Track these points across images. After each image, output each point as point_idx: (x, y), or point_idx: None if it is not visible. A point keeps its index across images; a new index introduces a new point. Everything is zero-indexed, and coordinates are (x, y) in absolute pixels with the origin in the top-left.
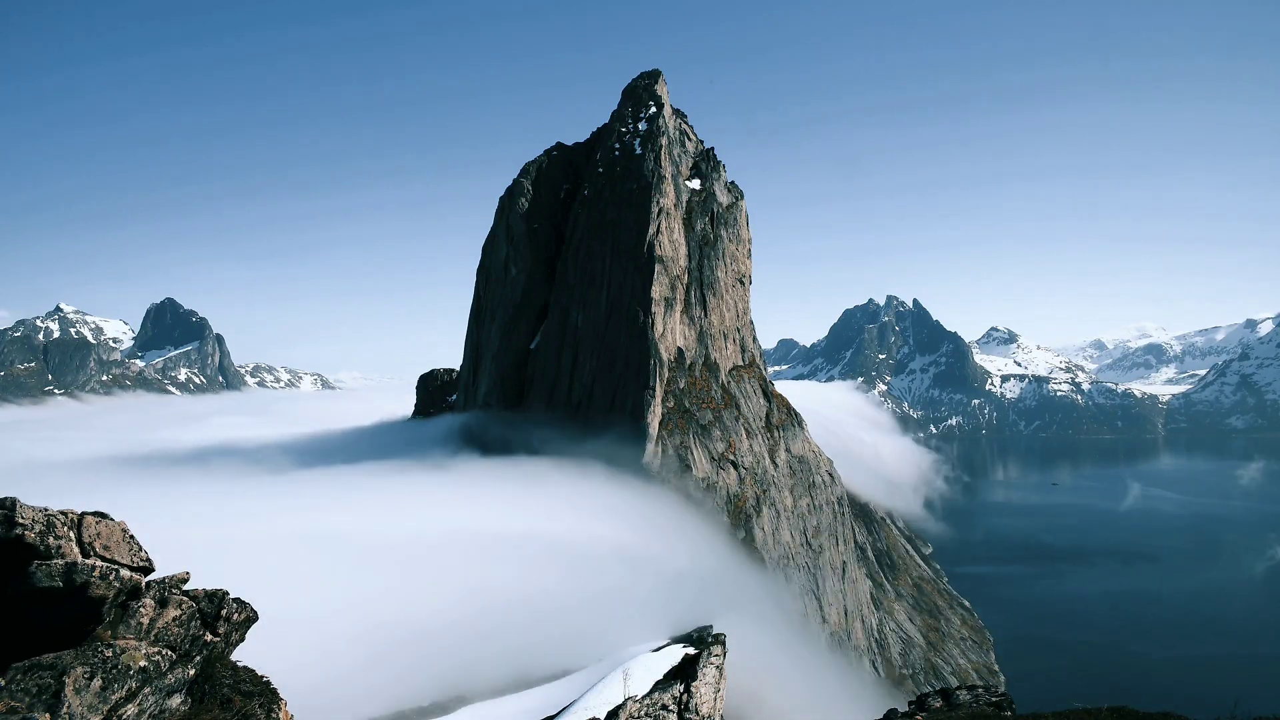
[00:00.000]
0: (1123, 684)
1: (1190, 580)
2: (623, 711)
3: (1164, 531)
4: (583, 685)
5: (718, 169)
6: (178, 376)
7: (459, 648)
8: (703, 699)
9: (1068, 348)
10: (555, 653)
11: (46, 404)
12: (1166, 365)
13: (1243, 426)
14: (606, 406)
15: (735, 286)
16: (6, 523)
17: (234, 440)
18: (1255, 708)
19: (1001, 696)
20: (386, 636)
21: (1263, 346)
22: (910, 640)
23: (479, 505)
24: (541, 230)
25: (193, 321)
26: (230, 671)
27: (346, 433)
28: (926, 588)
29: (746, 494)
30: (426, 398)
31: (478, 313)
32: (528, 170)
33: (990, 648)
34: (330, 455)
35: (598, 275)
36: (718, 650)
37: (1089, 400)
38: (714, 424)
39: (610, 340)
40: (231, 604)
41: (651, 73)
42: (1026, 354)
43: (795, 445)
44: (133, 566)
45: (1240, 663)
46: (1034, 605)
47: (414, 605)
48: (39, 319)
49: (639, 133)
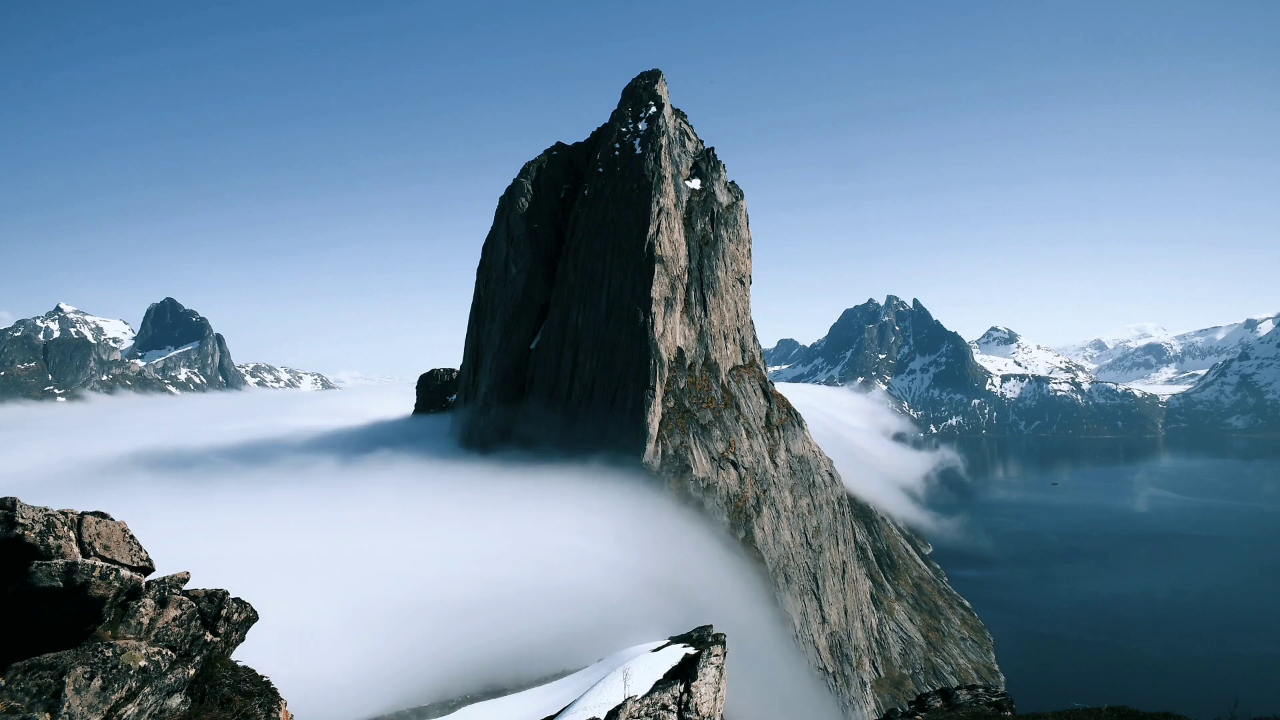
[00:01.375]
0: (1123, 684)
1: (1190, 580)
2: (623, 711)
3: (1164, 531)
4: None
5: (718, 169)
6: (178, 376)
7: (458, 647)
8: (703, 699)
9: (1068, 348)
10: (555, 653)
11: (47, 404)
12: (1166, 365)
13: (1243, 426)
14: (606, 406)
15: (735, 286)
16: (6, 522)
17: (234, 440)
18: (1255, 708)
19: (1001, 696)
20: (386, 636)
21: (1263, 346)
22: (910, 640)
23: (479, 505)
24: (542, 230)
25: (193, 321)
26: (230, 671)
27: (347, 433)
28: (926, 588)
29: (746, 494)
30: (426, 397)
31: (478, 312)
32: (528, 170)
33: (990, 648)
34: (330, 455)
35: (598, 275)
36: (718, 650)
37: (1089, 400)
38: (714, 424)
39: (610, 340)
40: (231, 604)
41: (651, 73)
42: (1026, 354)
43: (795, 445)
44: (133, 566)
45: (1240, 663)
46: (1034, 605)
47: (413, 605)
48: (39, 319)
49: (639, 133)
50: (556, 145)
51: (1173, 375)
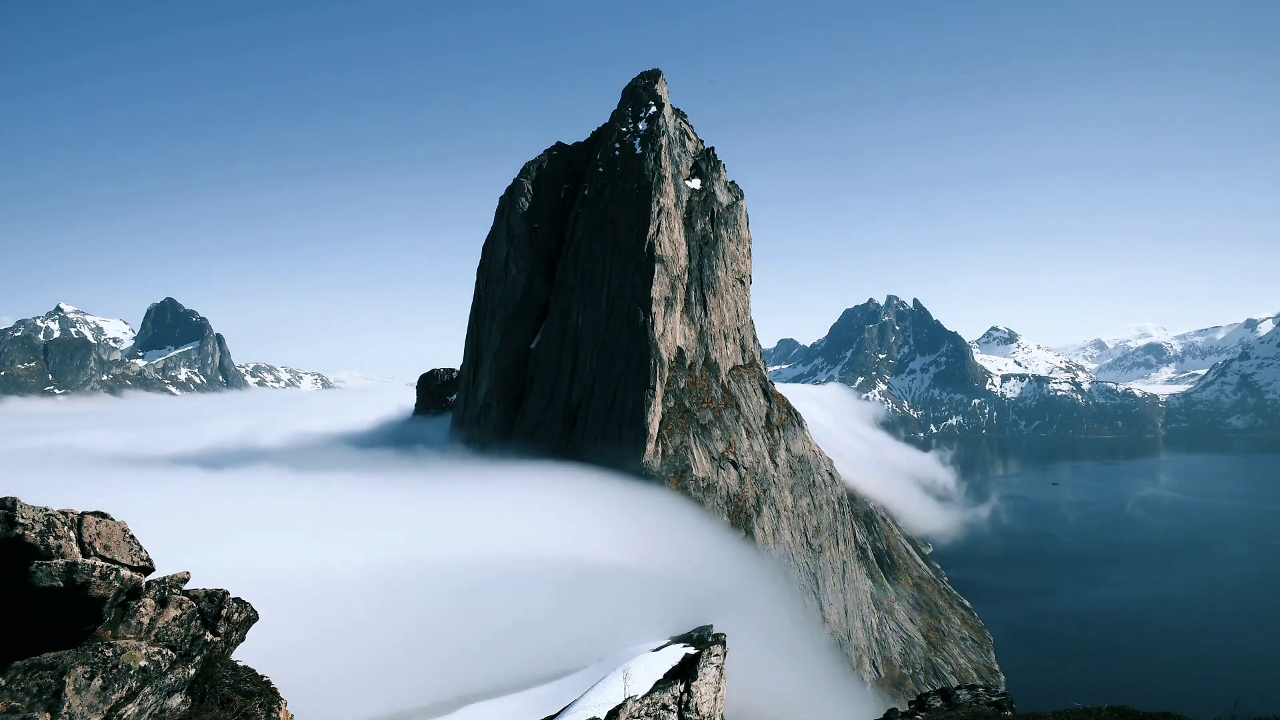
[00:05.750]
0: (1123, 684)
1: (1191, 580)
2: (623, 711)
3: (1164, 531)
4: (583, 685)
5: (718, 168)
6: (178, 376)
7: (459, 647)
8: (703, 699)
9: (1068, 348)
10: (555, 653)
11: (48, 404)
12: (1166, 365)
13: (1243, 426)
14: (606, 406)
15: (735, 286)
16: (7, 522)
17: (234, 439)
18: (1255, 708)
19: (1001, 696)
20: (386, 636)
21: (1263, 346)
22: (910, 640)
23: (479, 505)
24: (542, 230)
25: (193, 321)
26: (230, 671)
27: (347, 433)
28: (926, 587)
29: (746, 494)
30: (427, 397)
31: (478, 312)
32: (528, 170)
33: (990, 648)
34: (330, 455)
35: (598, 275)
36: (718, 650)
37: (1089, 400)
38: (714, 424)
39: (610, 340)
40: (232, 604)
41: (651, 72)
42: (1026, 354)
43: (795, 445)
44: (133, 566)
45: (1240, 663)
46: (1034, 605)
47: (414, 605)
48: (39, 319)
49: (639, 132)
50: (556, 145)
51: (1173, 375)
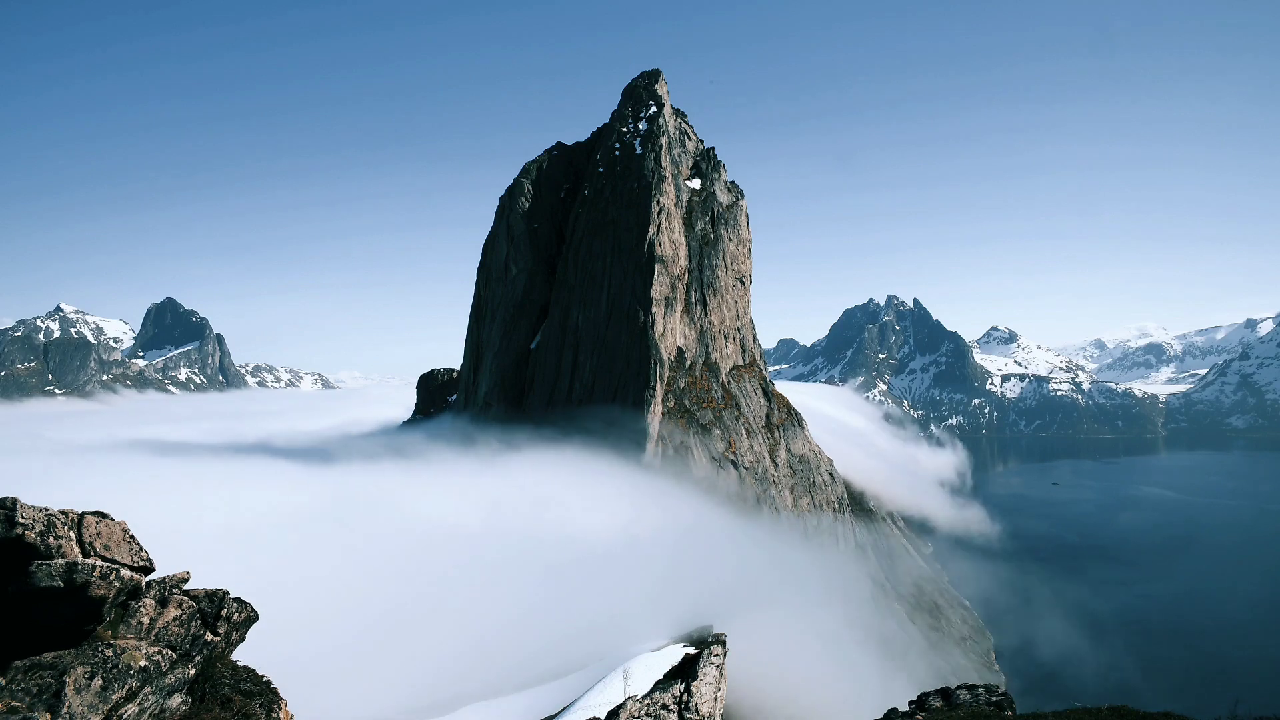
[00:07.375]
0: (1123, 684)
1: (1190, 580)
2: (623, 711)
3: (1164, 531)
4: (583, 685)
5: (718, 169)
6: (178, 376)
7: (459, 647)
8: (703, 699)
9: (1068, 347)
10: (555, 653)
11: (48, 404)
12: (1167, 365)
13: (1243, 426)
14: (607, 406)
15: (735, 286)
16: (7, 522)
17: (234, 439)
18: (1255, 708)
19: (1001, 696)
20: (386, 636)
21: (1263, 346)
22: (910, 640)
23: (478, 505)
24: (542, 230)
25: (193, 321)
26: (230, 671)
27: (347, 432)
28: (926, 587)
29: (746, 494)
30: (427, 397)
31: (478, 312)
32: (528, 170)
33: (990, 648)
34: (330, 455)
35: (598, 275)
36: (718, 650)
37: (1089, 400)
38: (714, 424)
39: (610, 340)
40: (232, 604)
41: (652, 72)
42: (1026, 354)
43: (795, 445)
44: (133, 566)
45: (1240, 663)
46: (1034, 605)
47: (414, 605)
48: (39, 319)
49: (639, 132)
50: (557, 145)
51: (1173, 375)
